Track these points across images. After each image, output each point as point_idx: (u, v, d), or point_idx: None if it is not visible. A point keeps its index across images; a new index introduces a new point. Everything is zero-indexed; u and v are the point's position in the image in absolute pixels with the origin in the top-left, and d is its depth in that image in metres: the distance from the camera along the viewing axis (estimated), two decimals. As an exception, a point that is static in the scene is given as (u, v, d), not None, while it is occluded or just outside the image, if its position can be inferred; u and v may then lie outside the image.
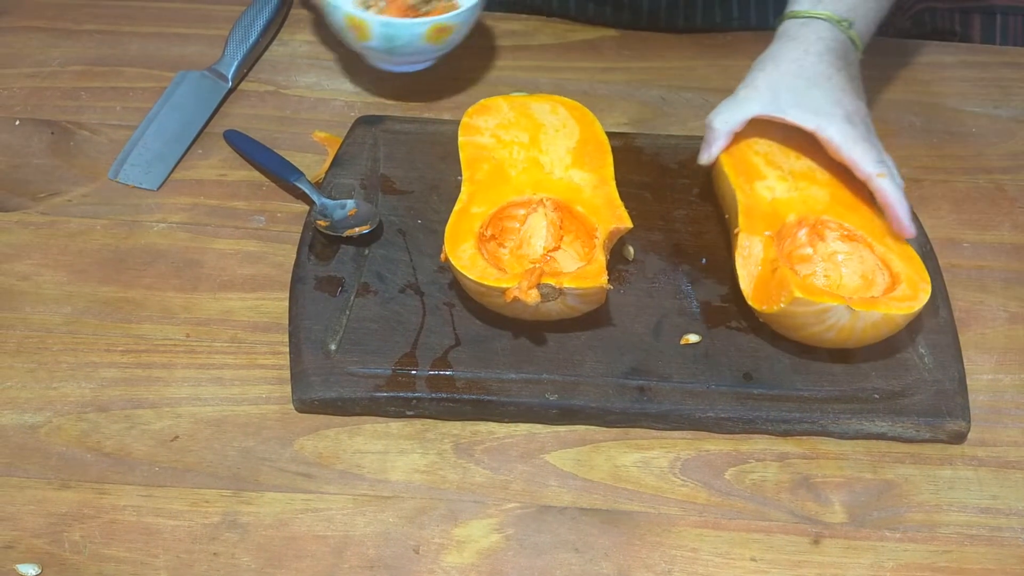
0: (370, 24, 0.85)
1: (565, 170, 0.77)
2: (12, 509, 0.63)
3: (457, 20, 0.86)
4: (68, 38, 0.96)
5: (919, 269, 0.71)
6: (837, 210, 0.75)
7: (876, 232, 0.74)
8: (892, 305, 0.68)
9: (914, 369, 0.71)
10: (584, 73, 0.97)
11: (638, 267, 0.77)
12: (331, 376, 0.69)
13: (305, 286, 0.74)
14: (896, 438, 0.69)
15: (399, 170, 0.84)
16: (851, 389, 0.70)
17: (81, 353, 0.71)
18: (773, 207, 0.75)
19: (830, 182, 0.77)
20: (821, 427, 0.69)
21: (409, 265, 0.76)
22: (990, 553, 0.65)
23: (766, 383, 0.70)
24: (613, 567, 0.63)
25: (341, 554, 0.62)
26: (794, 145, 0.79)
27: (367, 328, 0.72)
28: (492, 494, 0.66)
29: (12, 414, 0.68)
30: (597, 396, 0.69)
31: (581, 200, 0.75)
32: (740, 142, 0.79)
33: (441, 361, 0.70)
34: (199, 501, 0.64)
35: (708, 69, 0.99)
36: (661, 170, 0.85)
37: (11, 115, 0.88)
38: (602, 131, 0.81)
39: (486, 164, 0.77)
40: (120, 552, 0.62)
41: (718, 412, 0.69)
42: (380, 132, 0.86)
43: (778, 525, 0.66)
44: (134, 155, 0.85)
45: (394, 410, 0.69)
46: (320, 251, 0.76)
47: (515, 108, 0.82)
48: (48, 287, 0.75)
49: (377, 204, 0.80)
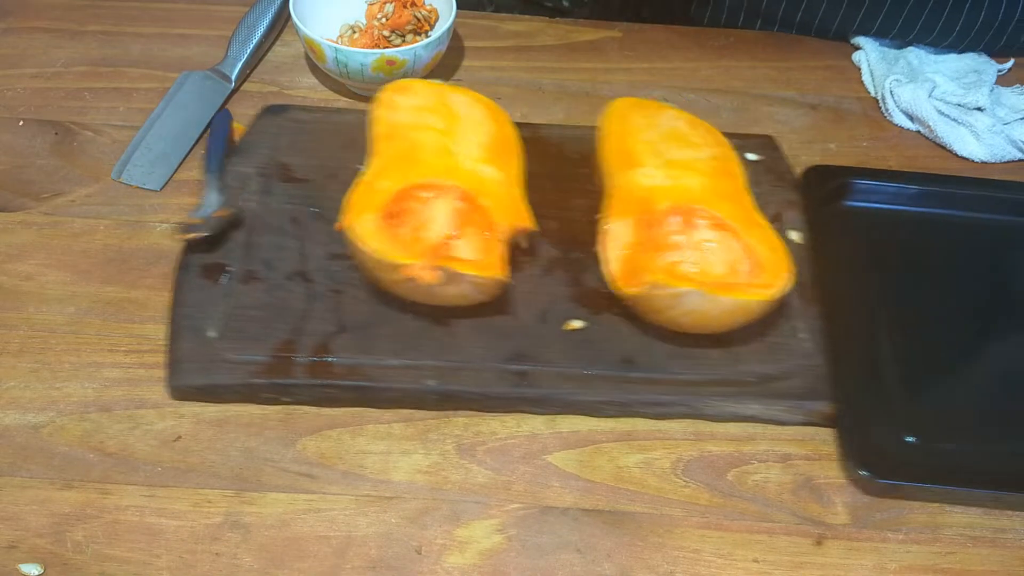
0: (324, 49, 0.87)
1: (475, 163, 0.76)
2: (15, 509, 0.63)
3: (407, 55, 0.87)
4: (72, 39, 0.96)
5: (783, 258, 0.72)
6: (711, 200, 0.76)
7: (747, 222, 0.75)
8: (747, 291, 0.68)
9: (791, 353, 0.72)
10: (586, 74, 0.97)
11: (531, 254, 0.78)
12: (207, 363, 0.68)
13: (189, 274, 0.74)
14: (770, 421, 0.70)
15: (299, 158, 0.83)
16: (729, 373, 0.71)
17: (84, 353, 0.71)
18: (646, 194, 0.76)
19: (710, 172, 0.78)
20: (696, 410, 0.70)
21: (299, 252, 0.76)
22: (993, 555, 0.65)
23: (645, 367, 0.71)
24: (615, 568, 0.63)
25: (343, 554, 0.62)
26: (682, 135, 0.81)
27: (249, 315, 0.71)
28: (494, 495, 0.66)
29: (15, 414, 0.68)
30: (477, 381, 0.69)
31: (487, 195, 0.74)
32: (626, 130, 0.80)
33: (321, 347, 0.70)
34: (201, 501, 0.64)
35: (711, 70, 0.99)
36: (564, 160, 0.85)
37: (15, 115, 0.88)
38: (515, 133, 0.80)
39: (399, 141, 0.76)
40: (122, 552, 0.62)
41: (596, 396, 0.69)
42: (285, 121, 0.86)
43: (781, 526, 0.65)
44: (137, 155, 0.85)
45: (270, 397, 0.69)
46: (208, 238, 0.76)
47: (435, 94, 0.81)
48: (51, 287, 0.75)
49: (272, 192, 0.80)
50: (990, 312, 0.78)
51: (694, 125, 0.83)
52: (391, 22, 0.92)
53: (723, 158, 0.80)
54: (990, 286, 0.79)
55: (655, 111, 0.83)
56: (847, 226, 0.83)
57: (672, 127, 0.82)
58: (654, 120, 0.82)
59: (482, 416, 0.70)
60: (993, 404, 0.72)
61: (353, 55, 0.86)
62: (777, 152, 0.87)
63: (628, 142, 0.80)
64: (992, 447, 0.69)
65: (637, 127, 0.81)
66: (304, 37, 0.88)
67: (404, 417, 0.69)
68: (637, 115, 0.82)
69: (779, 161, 0.87)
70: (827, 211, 0.83)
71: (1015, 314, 0.78)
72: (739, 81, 0.98)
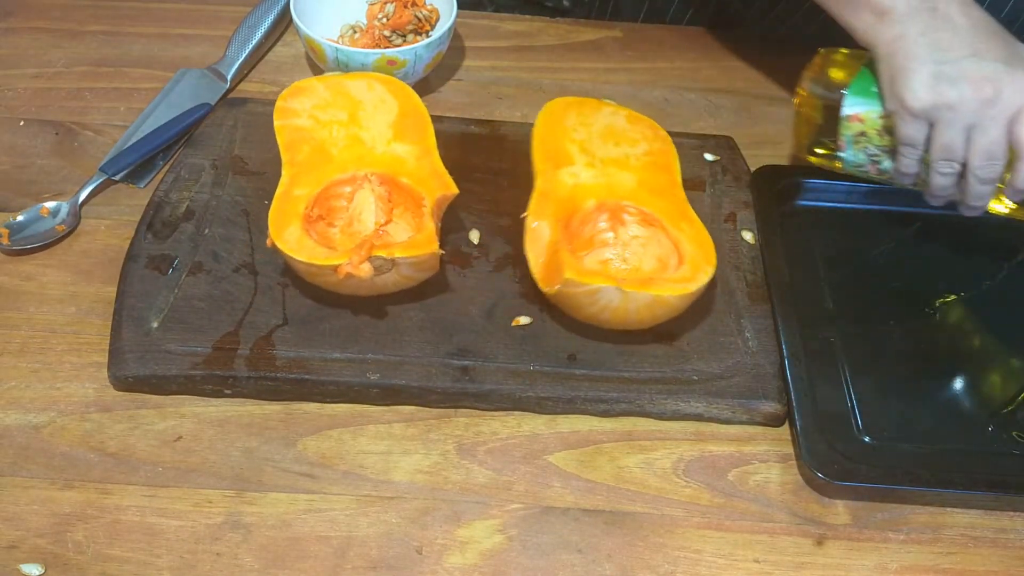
0: (325, 49, 0.87)
1: (387, 144, 0.77)
2: (16, 509, 0.63)
3: (408, 55, 0.87)
4: (72, 39, 0.96)
5: (708, 253, 0.72)
6: (640, 195, 0.76)
7: (676, 216, 0.75)
8: (665, 286, 0.69)
9: (737, 352, 0.72)
10: (587, 74, 0.97)
11: (482, 251, 0.78)
12: (147, 354, 0.69)
13: (136, 264, 0.74)
14: (713, 419, 0.70)
15: (254, 151, 0.83)
16: (673, 371, 0.71)
17: (85, 353, 0.71)
18: (572, 192, 0.76)
19: (641, 168, 0.79)
20: (639, 407, 0.70)
21: (248, 245, 0.76)
22: (994, 555, 0.65)
23: (589, 364, 0.71)
24: (616, 568, 0.63)
25: (344, 555, 0.62)
26: (617, 132, 0.81)
27: (193, 306, 0.71)
28: (495, 495, 0.66)
29: (16, 414, 0.68)
30: (419, 376, 0.69)
31: (406, 172, 0.75)
32: (557, 130, 0.81)
33: (264, 340, 0.70)
34: (202, 501, 0.64)
35: (712, 70, 0.99)
36: (521, 158, 0.84)
37: (16, 115, 0.88)
38: (421, 103, 0.80)
39: (305, 146, 0.76)
40: (123, 552, 0.62)
41: (539, 392, 0.69)
42: (241, 114, 0.86)
43: (782, 527, 0.65)
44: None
45: (211, 389, 0.69)
46: (159, 230, 0.76)
47: (331, 88, 0.81)
48: (52, 287, 0.75)
49: (226, 185, 0.80)
50: (943, 309, 0.78)
51: (634, 121, 0.83)
52: (392, 22, 0.93)
53: (659, 153, 0.80)
54: (943, 283, 0.79)
55: (591, 109, 0.83)
56: (799, 225, 0.83)
57: (608, 124, 0.82)
58: (588, 119, 0.82)
59: (483, 416, 0.70)
60: (947, 403, 0.72)
61: (354, 55, 0.86)
62: (735, 152, 0.88)
63: (558, 142, 0.80)
64: (946, 446, 0.69)
65: (568, 127, 0.81)
66: (305, 37, 0.88)
67: (405, 417, 0.69)
68: (571, 114, 0.82)
69: (736, 162, 0.87)
70: (780, 211, 0.83)
71: (969, 311, 0.78)
72: (740, 81, 0.98)
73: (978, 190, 0.72)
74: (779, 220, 0.82)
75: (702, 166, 0.86)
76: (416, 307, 0.73)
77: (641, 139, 0.81)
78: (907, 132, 0.72)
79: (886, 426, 0.70)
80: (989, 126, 0.69)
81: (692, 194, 0.79)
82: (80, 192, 0.81)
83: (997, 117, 0.68)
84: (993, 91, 0.68)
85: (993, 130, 0.69)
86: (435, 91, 0.94)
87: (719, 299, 0.75)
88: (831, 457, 0.66)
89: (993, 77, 0.68)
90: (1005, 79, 0.68)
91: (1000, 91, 0.68)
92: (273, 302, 0.72)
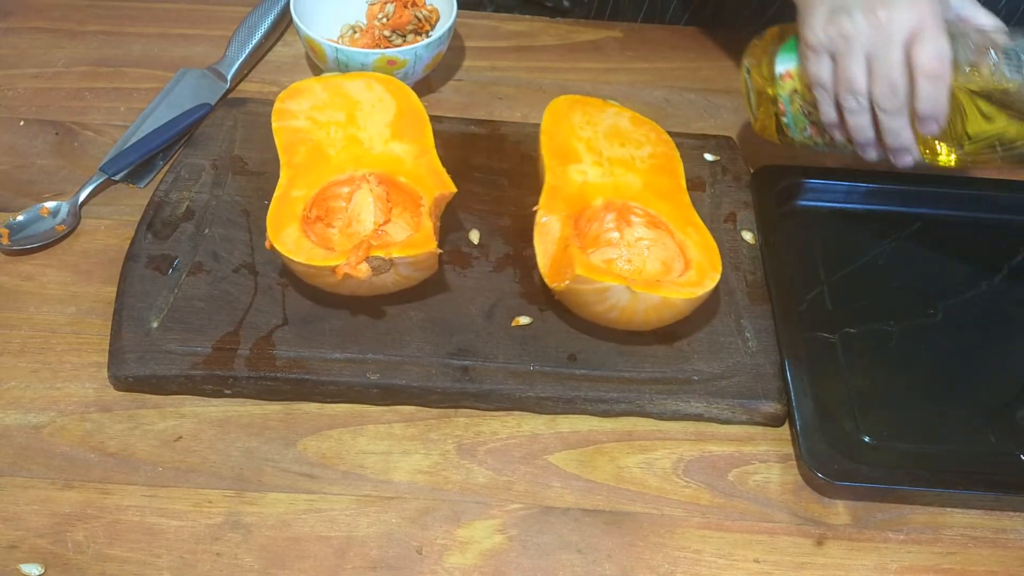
0: (325, 49, 0.87)
1: (385, 144, 0.77)
2: (16, 509, 0.63)
3: (408, 55, 0.87)
4: (72, 39, 0.96)
5: (713, 258, 0.72)
6: (646, 197, 0.76)
7: (681, 221, 0.75)
8: (674, 289, 0.69)
9: (737, 352, 0.72)
10: (588, 74, 0.97)
11: (482, 251, 0.78)
12: (148, 353, 0.69)
13: (136, 264, 0.74)
14: (713, 419, 0.70)
15: (254, 151, 0.83)
16: (672, 371, 0.71)
17: (85, 353, 0.71)
18: (581, 190, 0.76)
19: (647, 170, 0.79)
20: (639, 407, 0.70)
21: (248, 245, 0.76)
22: (994, 555, 0.65)
23: (590, 364, 0.71)
24: (616, 568, 0.63)
25: (344, 555, 0.62)
26: (622, 133, 0.81)
27: (193, 306, 0.71)
28: (495, 495, 0.66)
29: (16, 414, 0.68)
30: (419, 376, 0.69)
31: (404, 171, 0.75)
32: (565, 127, 0.81)
33: (264, 340, 0.70)
34: (202, 501, 0.64)
35: (711, 70, 0.99)
36: (521, 158, 0.85)
37: (16, 115, 0.88)
38: (419, 102, 0.80)
39: (303, 147, 0.76)
40: (123, 552, 0.62)
41: (539, 392, 0.69)
42: (241, 114, 0.86)
43: (782, 527, 0.65)
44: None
45: (211, 389, 0.69)
46: (159, 230, 0.76)
47: (329, 88, 0.81)
48: (52, 287, 0.75)
49: (226, 185, 0.80)
50: (943, 309, 0.78)
51: (638, 123, 0.83)
52: (392, 22, 0.93)
53: (663, 156, 0.81)
54: (943, 283, 0.80)
55: (596, 109, 0.83)
56: (799, 225, 0.83)
57: (613, 124, 0.82)
58: (594, 118, 0.82)
59: (483, 416, 0.70)
60: (947, 403, 0.72)
61: (354, 55, 0.86)
62: (735, 152, 0.88)
63: (565, 139, 0.80)
64: (946, 446, 0.69)
65: (575, 124, 0.81)
66: (305, 37, 0.88)
67: (405, 417, 0.69)
68: (576, 112, 0.82)
69: (736, 162, 0.87)
70: (779, 211, 0.83)
71: (968, 311, 0.78)
72: (740, 81, 0.97)
73: (889, 124, 0.72)
74: (779, 220, 0.82)
75: (702, 166, 0.86)
76: (416, 307, 0.73)
77: (646, 142, 0.81)
78: (812, 71, 0.73)
79: (886, 426, 0.70)
80: (886, 51, 0.69)
81: (692, 194, 0.79)
82: (80, 192, 0.81)
83: (892, 40, 0.68)
84: (886, 16, 0.68)
85: (891, 54, 0.69)
86: (435, 91, 0.94)
87: (719, 299, 0.75)
88: (831, 457, 0.66)
89: (887, 2, 0.68)
90: (898, 3, 0.68)
91: (892, 16, 0.68)
92: (273, 302, 0.72)
